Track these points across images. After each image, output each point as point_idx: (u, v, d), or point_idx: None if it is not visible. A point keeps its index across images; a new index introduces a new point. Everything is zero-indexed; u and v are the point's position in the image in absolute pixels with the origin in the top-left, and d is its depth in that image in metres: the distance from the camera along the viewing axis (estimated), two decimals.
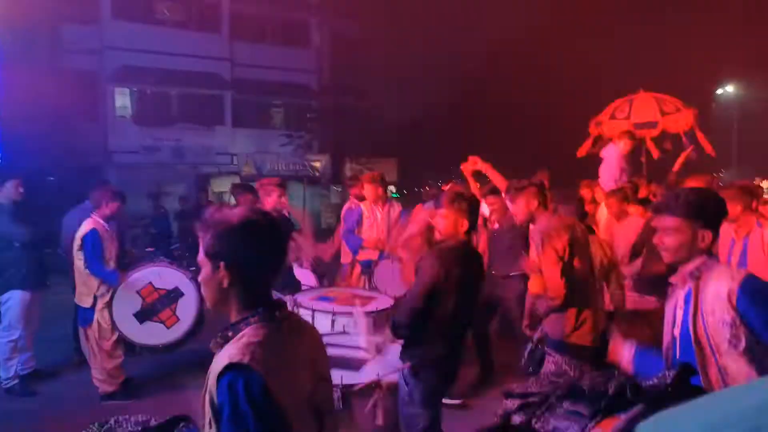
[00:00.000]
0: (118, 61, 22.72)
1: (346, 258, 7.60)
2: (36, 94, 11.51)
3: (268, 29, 25.34)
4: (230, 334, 1.62)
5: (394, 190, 23.89)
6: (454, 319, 3.39)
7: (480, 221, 5.79)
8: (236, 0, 24.22)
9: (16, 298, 6.23)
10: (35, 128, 12.09)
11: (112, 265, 5.98)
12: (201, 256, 1.67)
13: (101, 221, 6.04)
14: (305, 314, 4.45)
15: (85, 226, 5.95)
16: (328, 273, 7.71)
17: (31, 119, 11.76)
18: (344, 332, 4.17)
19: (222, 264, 1.62)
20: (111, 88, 23.65)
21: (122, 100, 24.48)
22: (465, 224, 3.47)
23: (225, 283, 1.63)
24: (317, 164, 23.28)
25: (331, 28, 24.65)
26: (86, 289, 5.95)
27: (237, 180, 21.65)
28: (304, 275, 6.76)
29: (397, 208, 7.26)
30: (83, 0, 21.22)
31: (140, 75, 23.08)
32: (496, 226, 6.33)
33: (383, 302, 5.15)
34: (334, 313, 4.39)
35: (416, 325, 3.27)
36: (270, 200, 6.29)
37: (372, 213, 7.11)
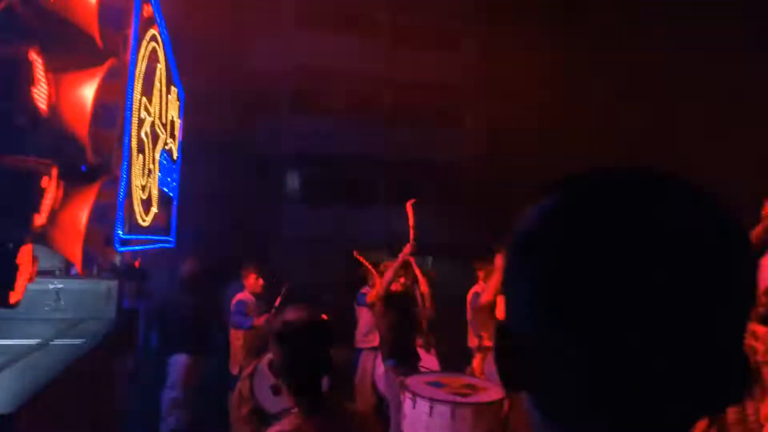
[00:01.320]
0: (290, 148, 25.62)
1: (472, 342, 7.65)
2: (212, 178, 13.51)
3: (423, 115, 26.94)
4: (273, 421, 1.96)
5: None
6: None
7: None
8: (395, 92, 26.22)
9: (180, 360, 7.23)
10: (210, 208, 14.02)
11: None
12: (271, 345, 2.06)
13: (249, 294, 6.97)
14: (407, 397, 4.65)
15: (237, 296, 6.93)
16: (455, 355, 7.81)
17: (207, 199, 13.69)
18: (442, 421, 4.28)
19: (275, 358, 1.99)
20: (282, 171, 26.59)
21: (292, 181, 27.38)
22: None
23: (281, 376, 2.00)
24: (464, 239, 23.55)
25: (484, 110, 25.48)
26: (234, 357, 6.76)
27: (386, 255, 22.56)
28: (427, 357, 6.96)
29: None
30: (266, 101, 24.47)
31: (309, 160, 25.75)
32: None
33: (493, 393, 5.15)
34: (432, 400, 4.53)
35: None
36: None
37: None
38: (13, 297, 3.15)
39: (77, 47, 3.69)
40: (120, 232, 3.76)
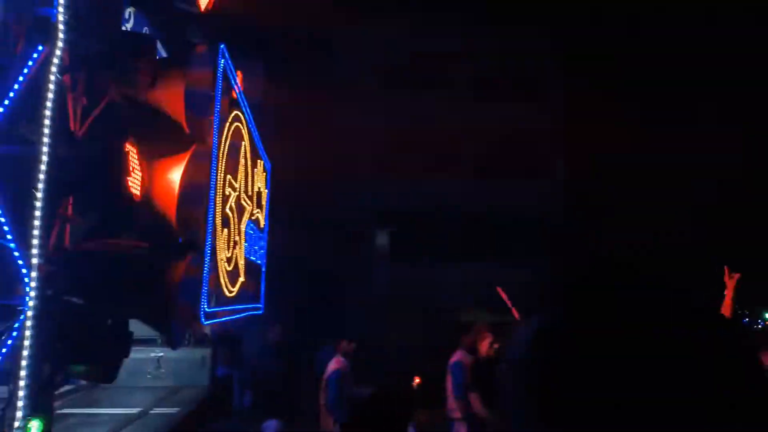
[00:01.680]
0: (378, 207, 26.09)
1: None
2: (297, 242, 13.92)
3: (510, 168, 26.72)
4: None
5: None
6: None
7: None
8: (477, 144, 26.25)
9: (272, 426, 7.30)
10: (296, 272, 14.37)
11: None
12: None
13: (342, 359, 6.93)
14: None
15: (331, 366, 6.89)
16: None
17: (293, 264, 14.07)
18: None
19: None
20: (371, 230, 27.03)
21: (381, 239, 27.73)
22: None
23: None
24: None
25: (572, 163, 24.81)
26: (325, 424, 6.73)
27: (484, 313, 21.99)
28: None
29: None
30: (348, 161, 25.27)
31: (397, 217, 26.07)
32: None
33: None
34: None
35: None
36: (483, 345, 6.51)
37: None
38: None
39: (167, 134, 3.98)
40: (205, 306, 3.92)
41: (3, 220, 3.24)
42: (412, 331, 18.01)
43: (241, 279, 5.44)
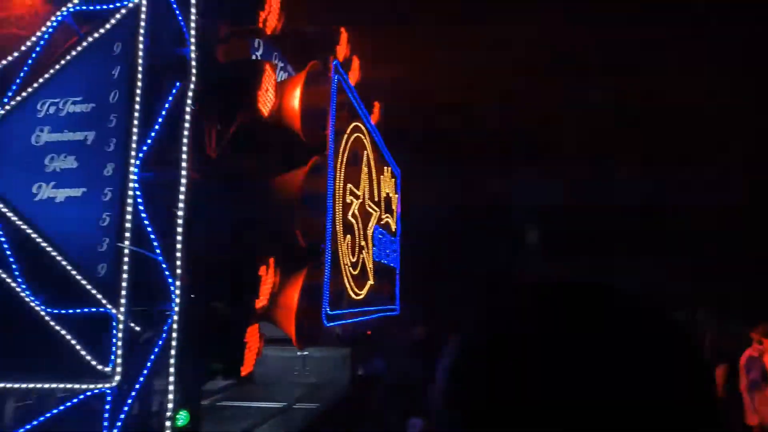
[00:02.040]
0: (525, 201, 25.34)
1: (752, 419, 6.39)
2: (440, 240, 13.94)
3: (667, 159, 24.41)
4: None
5: None
6: None
7: None
8: (631, 135, 24.31)
9: (416, 424, 7.45)
10: (445, 268, 14.42)
11: None
12: None
13: None
14: None
15: None
16: None
17: (436, 262, 14.13)
18: None
19: None
20: (521, 225, 26.32)
21: (531, 235, 26.90)
22: None
23: None
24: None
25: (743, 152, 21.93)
26: None
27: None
28: None
29: None
30: (496, 152, 24.80)
31: (548, 213, 25.13)
32: None
33: None
34: None
35: None
36: None
37: None
38: (244, 370, 3.65)
39: (289, 149, 4.28)
40: (327, 309, 4.15)
41: (152, 236, 3.74)
42: None
43: (370, 282, 5.64)
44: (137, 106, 3.85)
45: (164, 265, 3.72)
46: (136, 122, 3.84)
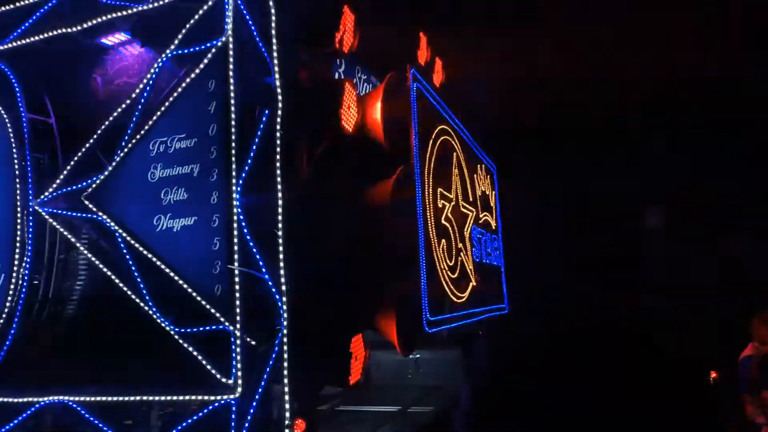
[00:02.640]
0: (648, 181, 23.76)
1: None
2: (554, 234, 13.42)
3: None
4: None
5: None
6: None
7: None
8: None
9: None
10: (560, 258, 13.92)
11: None
12: None
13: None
14: None
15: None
16: None
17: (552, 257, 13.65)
18: None
19: None
20: (643, 207, 24.73)
21: (654, 218, 25.18)
22: None
23: None
24: None
25: None
26: None
27: None
28: None
29: None
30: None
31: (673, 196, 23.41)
32: None
33: None
34: None
35: None
36: None
37: None
38: (352, 380, 3.79)
39: (375, 161, 4.39)
40: (427, 315, 4.20)
41: (258, 257, 4.00)
42: (699, 316, 15.86)
43: (472, 283, 5.61)
44: (233, 137, 4.13)
45: (270, 283, 3.97)
46: (233, 152, 4.13)
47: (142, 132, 4.54)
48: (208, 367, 4.03)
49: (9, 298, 4.76)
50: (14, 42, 5.13)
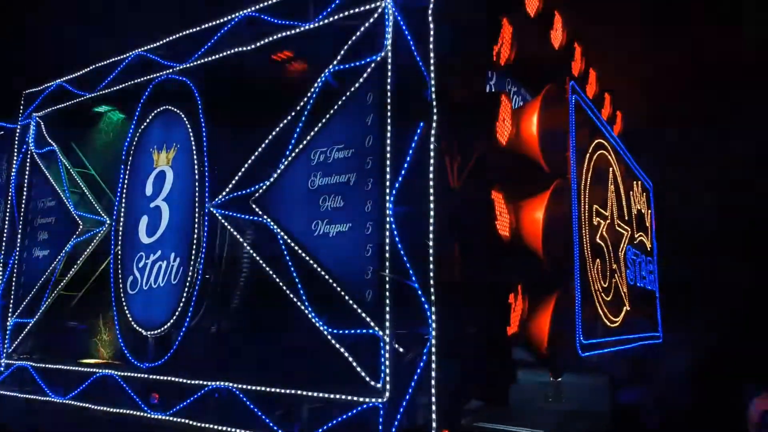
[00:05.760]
0: None
1: None
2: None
3: None
4: None
5: None
6: None
7: None
8: None
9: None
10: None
11: None
12: None
13: None
14: None
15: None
16: None
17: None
18: None
19: None
20: None
21: None
22: None
23: None
24: None
25: None
26: None
27: None
28: None
29: None
30: None
31: None
32: None
33: None
34: None
35: None
36: None
37: None
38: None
39: (529, 175, 4.31)
40: (581, 338, 4.01)
41: (408, 265, 4.07)
42: None
43: (626, 308, 5.27)
44: (388, 148, 4.27)
45: (419, 292, 4.02)
46: (388, 162, 4.26)
47: (304, 142, 4.84)
48: (359, 369, 4.17)
49: (186, 289, 5.31)
50: (197, 60, 5.76)
